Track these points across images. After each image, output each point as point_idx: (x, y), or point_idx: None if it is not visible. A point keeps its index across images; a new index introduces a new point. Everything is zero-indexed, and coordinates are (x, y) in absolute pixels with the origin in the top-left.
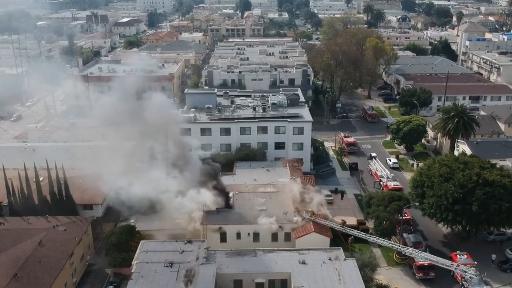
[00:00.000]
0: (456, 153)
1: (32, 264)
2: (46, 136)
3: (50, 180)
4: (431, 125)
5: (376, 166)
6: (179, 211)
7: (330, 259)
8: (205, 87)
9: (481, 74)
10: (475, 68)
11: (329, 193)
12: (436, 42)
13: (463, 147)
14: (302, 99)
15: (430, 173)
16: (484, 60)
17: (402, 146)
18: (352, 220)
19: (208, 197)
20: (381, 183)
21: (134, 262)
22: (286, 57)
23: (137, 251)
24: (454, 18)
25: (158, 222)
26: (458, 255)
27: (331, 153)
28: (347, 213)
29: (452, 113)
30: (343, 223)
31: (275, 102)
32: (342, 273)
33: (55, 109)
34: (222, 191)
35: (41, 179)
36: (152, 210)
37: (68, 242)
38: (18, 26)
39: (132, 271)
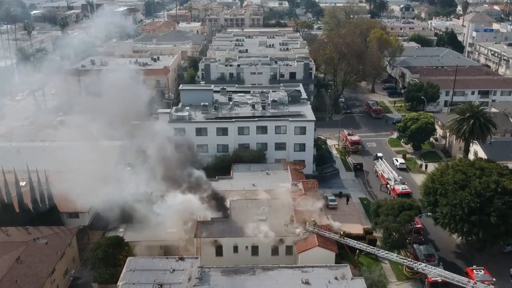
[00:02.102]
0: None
1: (7, 284)
2: (33, 135)
3: (31, 186)
4: (439, 122)
5: (383, 167)
6: (171, 220)
7: (336, 278)
8: (201, 82)
9: (489, 67)
10: (482, 60)
11: (333, 197)
12: (441, 33)
13: (475, 148)
14: (304, 95)
15: (443, 180)
16: (492, 52)
17: (409, 145)
18: (358, 229)
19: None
20: (388, 186)
21: (119, 283)
22: (287, 49)
23: (124, 270)
24: (459, 7)
25: (148, 231)
26: (474, 271)
27: (334, 152)
28: (353, 220)
29: (467, 114)
30: (342, 234)
31: (275, 99)
32: None
33: (45, 104)
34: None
35: (23, 184)
36: (142, 218)
37: (50, 257)
38: (10, 16)
39: None
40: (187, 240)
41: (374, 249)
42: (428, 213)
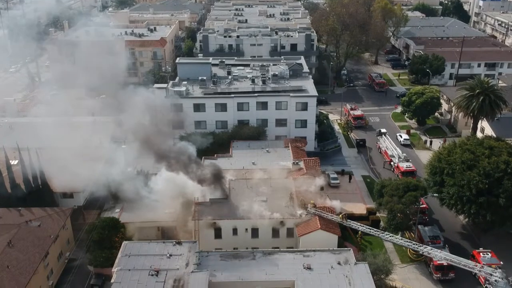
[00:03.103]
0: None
1: None
2: (26, 110)
3: (23, 165)
4: (445, 96)
5: (386, 144)
6: (168, 200)
7: (339, 263)
8: (199, 54)
9: (495, 37)
10: (488, 30)
11: (335, 175)
12: (447, 2)
13: (482, 124)
14: (305, 69)
15: (450, 159)
16: (499, 22)
17: (413, 120)
18: (361, 208)
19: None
20: (392, 163)
21: (114, 269)
22: (288, 19)
23: (119, 255)
24: None
25: (145, 212)
26: (481, 253)
27: (337, 127)
28: (355, 199)
29: (477, 91)
30: (344, 217)
31: (276, 73)
32: (353, 281)
33: (39, 77)
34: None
35: (15, 162)
36: (138, 198)
37: (43, 241)
38: None
39: (112, 281)
40: (184, 223)
41: (378, 231)
42: (435, 194)
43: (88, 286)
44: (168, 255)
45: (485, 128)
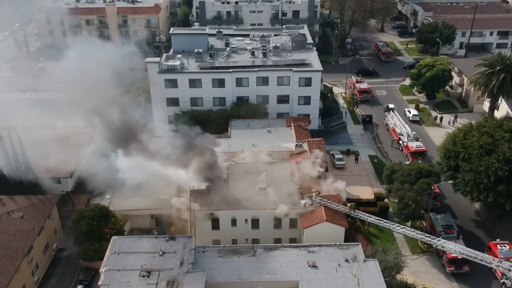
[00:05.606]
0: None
1: None
2: (13, 84)
3: (3, 147)
4: (456, 68)
5: (394, 121)
6: (162, 185)
7: (346, 260)
8: (195, 24)
9: (508, 3)
10: None
11: (340, 156)
12: None
13: (497, 101)
14: (309, 39)
15: (467, 143)
16: None
17: (422, 93)
18: (368, 193)
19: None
20: (401, 142)
21: (102, 270)
22: None
23: (107, 252)
24: None
25: (138, 198)
26: (498, 246)
27: (341, 101)
28: (362, 182)
29: (498, 67)
30: (352, 207)
31: (278, 45)
32: (362, 280)
33: (28, 46)
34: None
35: None
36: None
37: (26, 234)
38: None
39: (100, 283)
40: (179, 212)
41: (388, 223)
42: (450, 181)
43: (77, 282)
44: (160, 252)
45: (500, 106)
